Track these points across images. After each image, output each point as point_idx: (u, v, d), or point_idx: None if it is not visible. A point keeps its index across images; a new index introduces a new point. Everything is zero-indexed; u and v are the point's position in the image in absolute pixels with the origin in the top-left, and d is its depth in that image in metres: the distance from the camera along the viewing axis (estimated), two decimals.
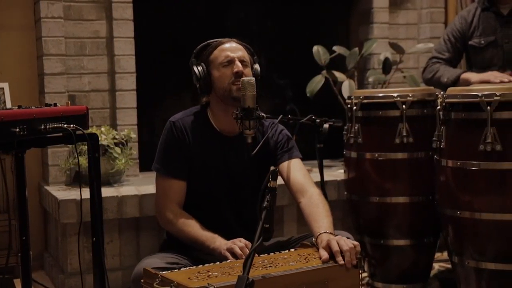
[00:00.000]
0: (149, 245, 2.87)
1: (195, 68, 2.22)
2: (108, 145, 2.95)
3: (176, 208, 2.20)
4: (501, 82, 2.71)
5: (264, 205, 1.75)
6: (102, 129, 3.04)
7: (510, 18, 2.96)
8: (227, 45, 2.23)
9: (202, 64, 2.22)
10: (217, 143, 2.24)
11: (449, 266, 2.93)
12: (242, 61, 2.20)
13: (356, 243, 1.92)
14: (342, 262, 1.86)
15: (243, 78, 2.14)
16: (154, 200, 2.74)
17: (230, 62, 2.19)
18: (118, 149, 2.97)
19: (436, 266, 2.99)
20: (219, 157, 2.23)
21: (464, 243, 2.34)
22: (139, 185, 3.01)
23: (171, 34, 3.59)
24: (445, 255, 3.09)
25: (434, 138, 2.38)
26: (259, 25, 3.80)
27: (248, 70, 2.21)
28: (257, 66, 2.27)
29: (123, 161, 2.98)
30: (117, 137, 3.02)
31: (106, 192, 2.79)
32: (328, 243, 1.92)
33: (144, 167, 3.29)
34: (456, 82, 2.94)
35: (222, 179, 2.24)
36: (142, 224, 2.88)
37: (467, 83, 2.88)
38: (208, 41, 2.27)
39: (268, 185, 1.77)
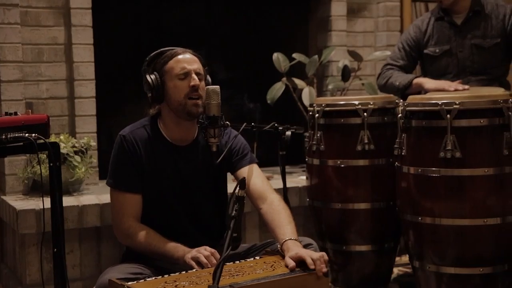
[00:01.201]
0: (111, 254, 2.83)
1: (148, 76, 2.17)
2: (67, 154, 2.89)
3: (134, 222, 2.16)
4: (456, 90, 2.77)
5: (233, 214, 1.75)
6: (61, 137, 2.99)
7: (464, 28, 3.03)
8: (183, 57, 2.18)
9: (155, 73, 2.17)
10: (169, 154, 2.21)
11: (408, 270, 2.99)
12: (198, 74, 2.17)
13: (322, 253, 1.93)
14: (313, 267, 1.85)
15: (208, 87, 2.14)
16: None
17: (187, 74, 2.15)
18: (78, 158, 2.92)
19: (396, 270, 3.04)
20: (172, 168, 2.21)
21: (424, 248, 2.39)
22: (100, 193, 2.97)
23: (131, 41, 3.56)
24: (404, 259, 3.15)
25: (396, 146, 2.43)
26: (218, 33, 3.81)
27: (203, 83, 2.18)
28: (208, 78, 2.24)
29: (83, 170, 2.94)
30: (76, 145, 2.97)
31: (66, 201, 2.72)
32: (297, 254, 1.91)
33: (104, 175, 3.22)
34: (408, 86, 3.00)
35: (176, 189, 2.22)
36: (103, 234, 2.84)
37: (420, 88, 2.95)
38: (162, 50, 2.21)
39: (236, 194, 1.78)
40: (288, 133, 2.54)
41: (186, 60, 2.18)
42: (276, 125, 2.55)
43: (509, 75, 3.21)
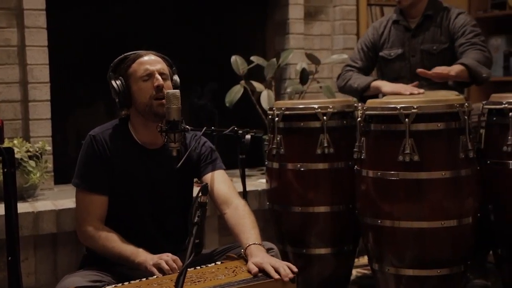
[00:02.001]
0: (67, 261, 2.77)
1: (113, 82, 2.16)
2: (21, 159, 2.82)
3: (98, 224, 2.14)
4: (411, 94, 2.80)
5: (195, 221, 1.74)
6: (15, 141, 2.91)
7: (416, 32, 3.07)
8: (145, 58, 2.18)
9: (121, 78, 2.17)
10: (138, 156, 2.20)
11: (367, 271, 3.02)
12: (162, 74, 2.17)
13: (288, 263, 1.93)
14: (277, 276, 1.85)
15: (168, 91, 2.11)
16: (72, 214, 2.66)
17: (150, 75, 2.15)
18: (32, 163, 2.85)
19: (355, 272, 3.07)
20: (141, 171, 2.19)
21: (384, 251, 2.42)
22: (55, 199, 2.90)
23: (86, 43, 3.50)
24: (362, 260, 3.19)
25: (355, 149, 2.45)
26: (176, 36, 3.77)
27: (168, 83, 2.18)
28: (176, 78, 2.25)
29: (38, 175, 2.87)
30: (31, 149, 2.89)
31: (20, 207, 2.64)
32: (261, 265, 1.90)
33: (59, 180, 3.18)
34: (366, 89, 3.03)
35: (144, 193, 2.20)
36: (59, 240, 2.78)
37: (378, 90, 2.98)
38: (125, 54, 2.21)
39: (199, 200, 1.76)
40: (248, 136, 2.53)
41: (149, 61, 2.17)
42: (235, 128, 2.54)
43: None
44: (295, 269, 1.90)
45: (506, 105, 2.40)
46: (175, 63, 2.30)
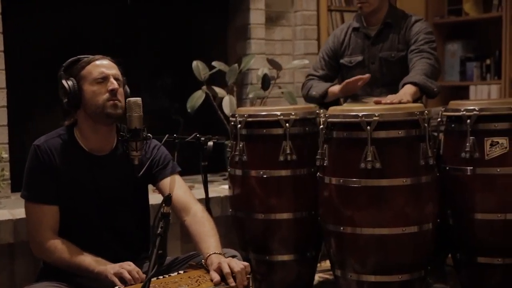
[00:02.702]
0: (25, 272, 2.71)
1: (64, 82, 2.11)
2: None
3: (51, 235, 2.08)
4: (346, 83, 2.85)
5: (158, 232, 1.72)
6: None
7: (376, 40, 3.10)
8: (101, 62, 2.15)
9: (72, 78, 2.12)
10: (86, 164, 2.15)
11: (329, 276, 3.04)
12: (116, 79, 2.13)
13: (246, 263, 1.94)
14: (233, 284, 1.87)
15: (130, 99, 2.09)
16: None
17: (105, 78, 2.11)
18: None
19: (317, 277, 3.08)
20: (89, 178, 2.15)
21: (346, 257, 2.44)
22: (12, 208, 2.84)
23: (44, 48, 3.43)
24: (324, 265, 3.20)
25: (318, 156, 2.46)
26: (136, 41, 3.73)
27: (121, 90, 2.15)
28: (126, 88, 2.21)
29: None
30: None
31: None
32: (219, 265, 1.92)
33: (17, 188, 3.10)
34: (325, 95, 3.05)
35: (94, 201, 2.16)
36: (17, 251, 2.71)
37: (335, 95, 3.02)
38: (79, 56, 2.17)
39: (162, 210, 1.75)
40: (210, 143, 2.52)
41: (105, 65, 2.14)
42: (198, 135, 2.53)
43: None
44: (249, 269, 1.91)
45: (464, 112, 2.45)
46: (135, 69, 2.28)
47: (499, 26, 4.46)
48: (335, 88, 3.02)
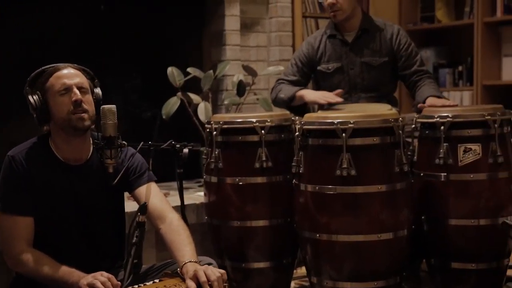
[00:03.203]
0: None
1: (30, 97, 2.08)
2: None
3: (26, 247, 2.05)
4: (328, 103, 2.87)
5: (134, 241, 1.71)
6: None
7: (354, 46, 3.13)
8: (63, 72, 2.10)
9: (38, 92, 2.09)
10: (62, 174, 2.13)
11: (305, 283, 3.04)
12: (80, 88, 2.10)
13: (222, 271, 1.93)
14: None
15: (104, 106, 2.07)
16: None
17: (68, 89, 2.07)
18: None
19: (293, 284, 3.08)
20: (65, 188, 2.12)
21: (322, 264, 2.44)
22: None
23: (12, 56, 3.37)
24: (300, 271, 3.20)
25: (294, 163, 2.47)
26: (111, 47, 3.70)
27: (88, 97, 2.11)
28: (98, 90, 2.17)
29: None
30: None
31: None
32: (195, 273, 1.91)
33: None
34: (293, 99, 3.08)
35: (70, 210, 2.13)
36: None
37: (302, 99, 3.04)
38: (43, 68, 2.12)
39: (137, 219, 1.73)
40: (186, 150, 2.51)
41: (67, 75, 2.10)
42: (173, 142, 2.52)
43: (396, 91, 3.36)
44: (225, 277, 1.91)
45: (438, 119, 2.47)
46: (109, 76, 2.25)
47: (471, 33, 4.53)
48: (303, 93, 3.04)
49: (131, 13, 3.73)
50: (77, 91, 2.07)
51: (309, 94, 3.03)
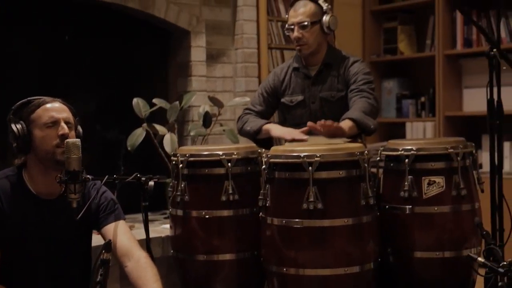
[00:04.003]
0: None
1: (13, 125, 2.09)
2: None
3: None
4: (293, 139, 2.86)
5: (98, 280, 1.68)
6: None
7: (316, 80, 3.14)
8: (51, 105, 2.14)
9: (22, 122, 2.10)
10: (34, 208, 2.11)
11: None
12: (67, 123, 2.13)
13: None
14: None
15: (68, 140, 2.06)
16: None
17: (55, 123, 2.11)
18: None
19: None
20: (36, 223, 2.10)
21: None
22: None
23: None
24: None
25: (260, 197, 2.46)
26: (75, 78, 3.67)
27: (73, 133, 2.15)
28: (79, 128, 2.21)
29: None
30: None
31: None
32: None
33: None
34: (259, 131, 3.08)
35: (39, 246, 2.10)
36: None
37: (268, 133, 3.04)
38: (29, 98, 2.16)
39: (102, 257, 1.71)
40: (151, 183, 2.48)
41: (55, 108, 2.13)
42: (138, 175, 2.49)
43: None
44: None
45: (402, 152, 2.50)
46: (74, 106, 2.26)
47: (433, 65, 4.63)
48: (269, 127, 3.05)
49: (96, 44, 3.71)
50: (64, 126, 2.10)
51: (276, 129, 3.03)
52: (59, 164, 2.07)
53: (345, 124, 2.80)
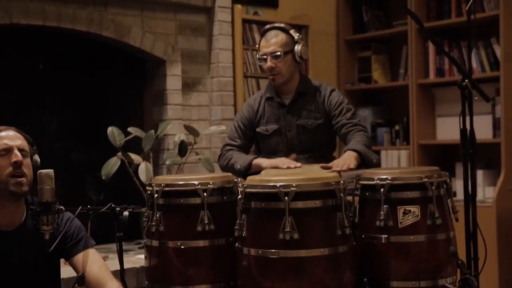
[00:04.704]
0: None
1: None
2: None
3: None
4: (288, 167, 2.89)
5: None
6: None
7: (291, 108, 3.17)
8: (4, 133, 2.09)
9: None
10: None
11: None
12: (21, 151, 2.08)
13: None
14: None
15: (41, 171, 2.03)
16: None
17: (8, 151, 2.05)
18: None
19: None
20: None
21: None
22: None
23: None
24: None
25: (236, 227, 2.45)
26: (50, 107, 3.64)
27: (27, 161, 2.09)
28: (37, 157, 2.15)
29: None
30: None
31: None
32: None
33: None
34: (249, 168, 3.07)
35: (2, 279, 2.05)
36: None
37: (259, 168, 3.03)
38: None
39: None
40: (126, 213, 2.47)
41: (8, 136, 2.08)
42: (113, 205, 2.47)
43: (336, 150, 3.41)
44: None
45: (378, 181, 2.51)
46: (48, 135, 2.23)
47: (406, 94, 4.69)
48: (259, 161, 3.05)
49: (71, 72, 3.70)
50: (18, 153, 2.05)
51: (266, 161, 3.03)
52: (12, 196, 2.02)
53: (352, 154, 2.85)
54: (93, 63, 3.78)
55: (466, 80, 2.47)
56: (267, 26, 3.17)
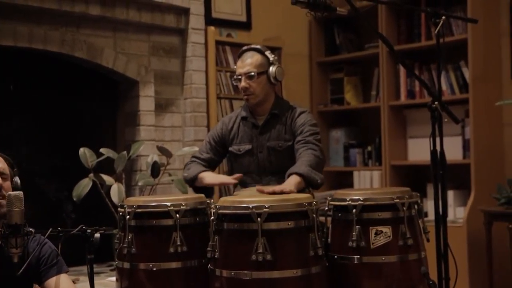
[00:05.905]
0: None
1: None
2: None
3: None
4: (222, 183, 2.98)
5: None
6: None
7: (263, 129, 3.17)
8: None
9: None
10: None
11: None
12: (1, 174, 2.07)
13: None
14: None
15: (10, 193, 2.00)
16: None
17: None
18: None
19: None
20: None
21: None
22: None
23: None
24: None
25: (209, 248, 2.43)
26: (21, 128, 3.61)
27: (8, 184, 2.09)
28: (17, 179, 2.15)
29: None
30: None
31: None
32: None
33: None
34: (195, 179, 3.09)
35: None
36: None
37: (202, 182, 3.06)
38: None
39: None
40: (97, 235, 2.43)
41: None
42: (84, 227, 2.44)
43: None
44: None
45: (350, 202, 2.53)
46: (19, 157, 2.21)
47: (378, 115, 4.74)
48: (203, 175, 3.06)
49: (42, 93, 3.67)
50: None
51: (208, 177, 3.05)
52: None
53: (293, 180, 2.79)
54: (66, 84, 3.76)
55: (436, 102, 2.50)
56: (244, 48, 3.19)
